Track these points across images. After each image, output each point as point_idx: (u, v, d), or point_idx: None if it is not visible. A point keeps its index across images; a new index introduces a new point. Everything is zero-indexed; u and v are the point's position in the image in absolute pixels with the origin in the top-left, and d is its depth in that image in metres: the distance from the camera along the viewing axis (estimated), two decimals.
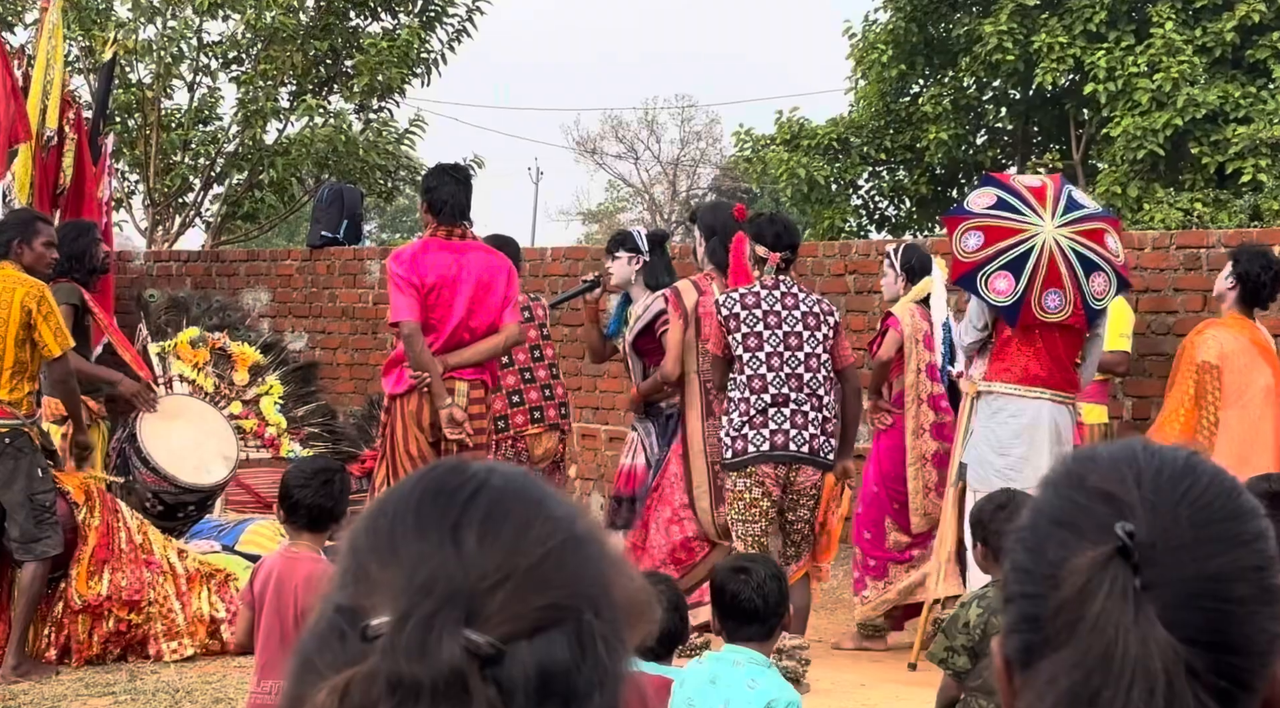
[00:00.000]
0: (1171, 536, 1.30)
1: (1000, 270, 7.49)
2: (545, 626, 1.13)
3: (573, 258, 13.00)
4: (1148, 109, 18.55)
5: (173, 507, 9.46)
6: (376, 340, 13.67)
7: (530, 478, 1.24)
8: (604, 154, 48.35)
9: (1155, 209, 18.20)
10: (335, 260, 14.12)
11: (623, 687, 1.18)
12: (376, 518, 1.20)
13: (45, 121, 10.76)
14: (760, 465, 7.51)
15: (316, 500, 5.16)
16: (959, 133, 21.47)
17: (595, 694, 1.14)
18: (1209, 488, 1.33)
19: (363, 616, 1.13)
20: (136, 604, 8.10)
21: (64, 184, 11.02)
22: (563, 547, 1.18)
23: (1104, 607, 1.26)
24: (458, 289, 7.69)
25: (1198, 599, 1.28)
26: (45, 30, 11.05)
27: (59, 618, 8.05)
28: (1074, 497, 1.35)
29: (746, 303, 7.61)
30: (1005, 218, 7.57)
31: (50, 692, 7.45)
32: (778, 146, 22.42)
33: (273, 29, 16.75)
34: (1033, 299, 7.46)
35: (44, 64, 10.76)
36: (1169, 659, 1.24)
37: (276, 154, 16.93)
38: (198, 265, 14.98)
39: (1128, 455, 1.36)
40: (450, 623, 1.10)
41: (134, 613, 8.10)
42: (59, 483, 8.05)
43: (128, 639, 8.13)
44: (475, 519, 1.16)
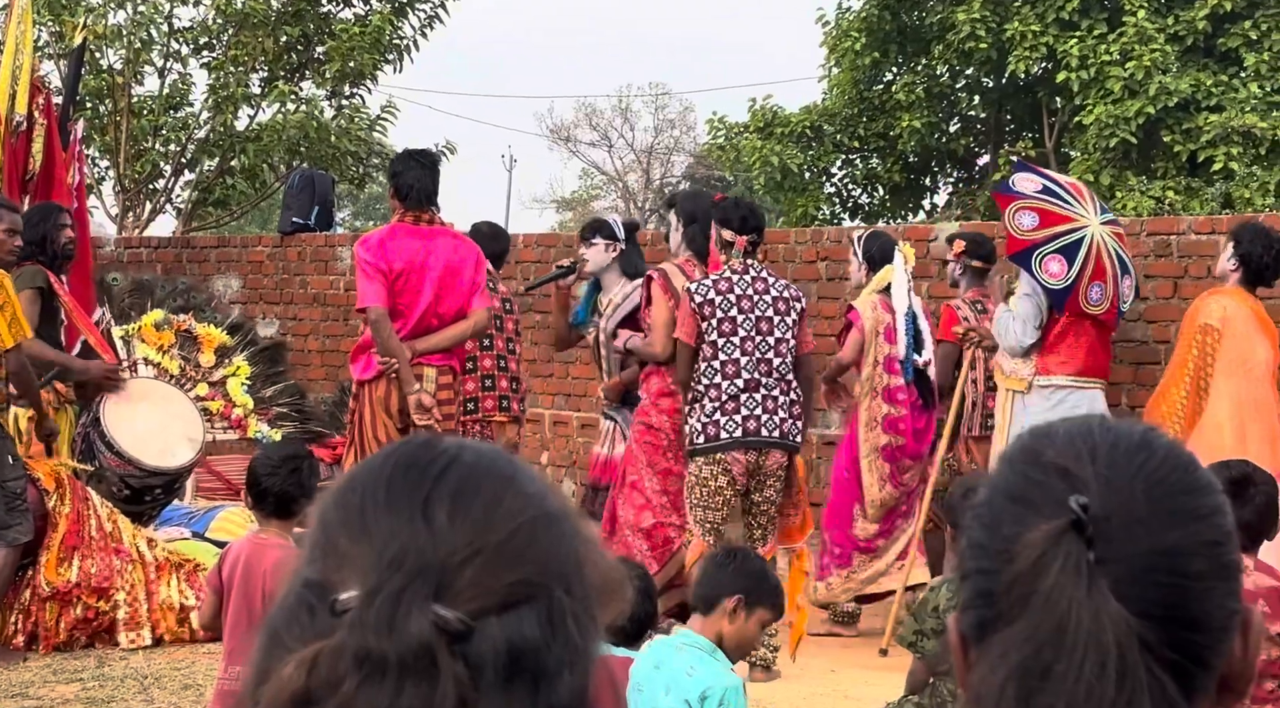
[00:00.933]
0: (1126, 510, 1.29)
1: (1055, 254, 7.69)
2: (515, 602, 1.12)
3: (544, 245, 12.99)
4: (1120, 97, 18.60)
5: (139, 491, 9.42)
6: (348, 327, 13.64)
7: (502, 455, 1.23)
8: (578, 142, 48.36)
9: (1127, 197, 18.26)
10: (306, 247, 14.08)
11: (593, 666, 1.17)
12: (347, 492, 1.19)
13: (14, 107, 10.70)
14: (731, 452, 7.52)
15: (284, 487, 5.15)
16: (932, 121, 21.50)
17: (565, 672, 1.13)
18: (1164, 463, 1.33)
19: (331, 590, 1.12)
20: (105, 592, 8.08)
21: (33, 170, 10.95)
22: (534, 523, 1.17)
23: (1057, 580, 1.25)
24: (425, 275, 7.68)
25: (1153, 574, 1.28)
26: (14, 15, 10.98)
27: (27, 605, 8.03)
28: (1029, 472, 1.35)
29: (720, 289, 7.62)
30: (1056, 204, 7.75)
31: (18, 678, 7.43)
32: (751, 134, 22.43)
33: (244, 14, 16.69)
34: (1081, 287, 7.66)
35: (13, 49, 10.70)
36: (1121, 633, 1.23)
37: (248, 140, 16.88)
38: (168, 252, 14.92)
39: (1083, 431, 1.36)
40: (419, 598, 1.09)
41: (102, 600, 8.08)
42: (30, 470, 8.02)
43: (95, 627, 8.11)
44: (446, 494, 1.16)
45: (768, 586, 4.82)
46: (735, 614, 4.67)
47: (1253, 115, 17.89)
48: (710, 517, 7.57)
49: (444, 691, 1.08)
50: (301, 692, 1.08)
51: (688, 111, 49.05)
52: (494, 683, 1.10)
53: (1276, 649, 4.87)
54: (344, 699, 1.07)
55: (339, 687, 1.08)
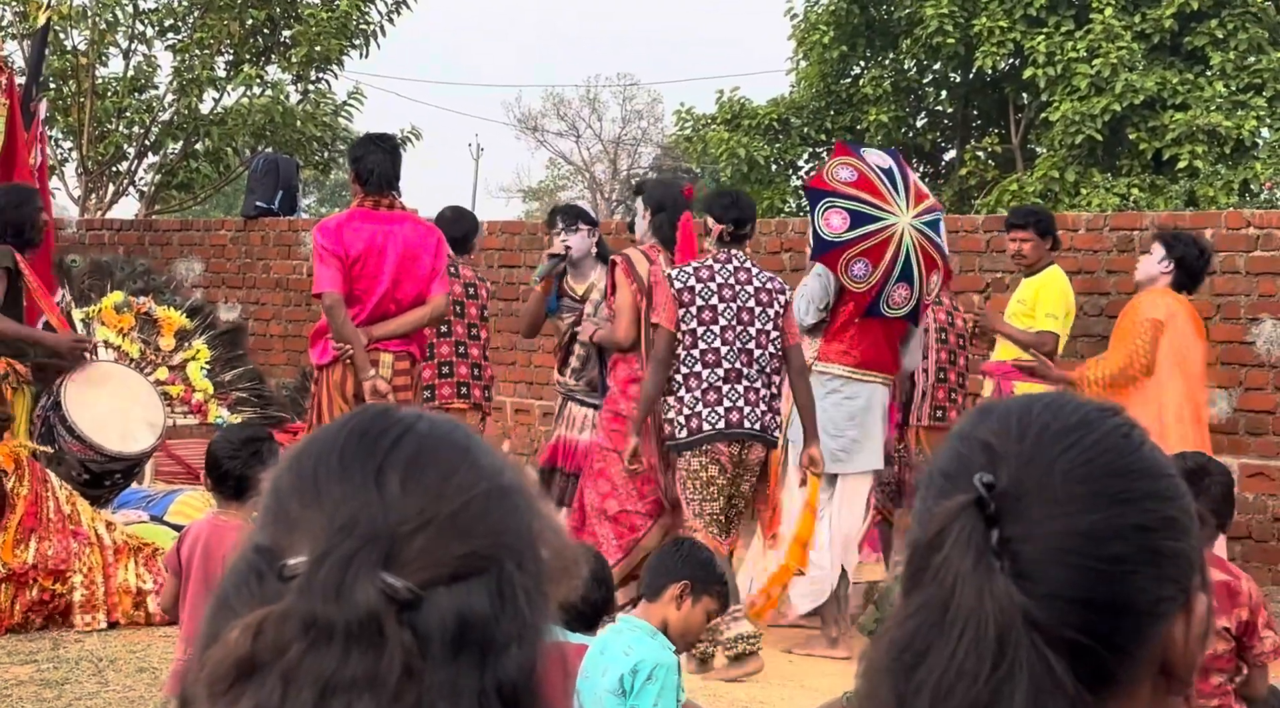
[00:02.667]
0: (1042, 488, 1.28)
1: (844, 211, 7.68)
2: (465, 574, 1.12)
3: (509, 232, 12.96)
4: (1086, 94, 18.66)
5: (99, 476, 9.37)
6: (310, 312, 13.59)
7: (458, 426, 1.23)
8: (545, 131, 48.27)
9: (1093, 194, 18.32)
10: (270, 231, 14.04)
11: (543, 642, 1.16)
12: (300, 458, 1.19)
13: None
14: (716, 443, 7.49)
15: (245, 470, 5.13)
16: (899, 115, 21.55)
17: (513, 646, 1.13)
18: (1099, 443, 1.32)
19: (280, 555, 1.12)
20: (62, 574, 8.03)
21: None
22: (487, 495, 1.17)
23: (948, 555, 1.25)
24: (383, 260, 7.66)
25: (1064, 555, 1.26)
26: None
27: None
28: (959, 447, 1.35)
29: (701, 276, 7.59)
30: (883, 183, 7.76)
31: None
32: (718, 126, 22.44)
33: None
34: (846, 253, 7.67)
35: None
36: (1004, 612, 1.22)
37: (212, 124, 16.81)
38: (130, 234, 14.85)
39: (1023, 407, 1.36)
40: (368, 565, 1.09)
41: (59, 583, 8.03)
42: None
43: (51, 609, 8.06)
44: (399, 463, 1.15)
45: (714, 575, 4.84)
46: (681, 601, 4.69)
47: (1218, 114, 17.97)
48: (709, 509, 7.51)
49: (390, 660, 1.07)
50: (246, 657, 1.07)
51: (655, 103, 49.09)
52: (441, 654, 1.09)
53: (1224, 644, 4.88)
54: (289, 666, 1.07)
55: (284, 653, 1.07)
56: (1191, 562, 1.32)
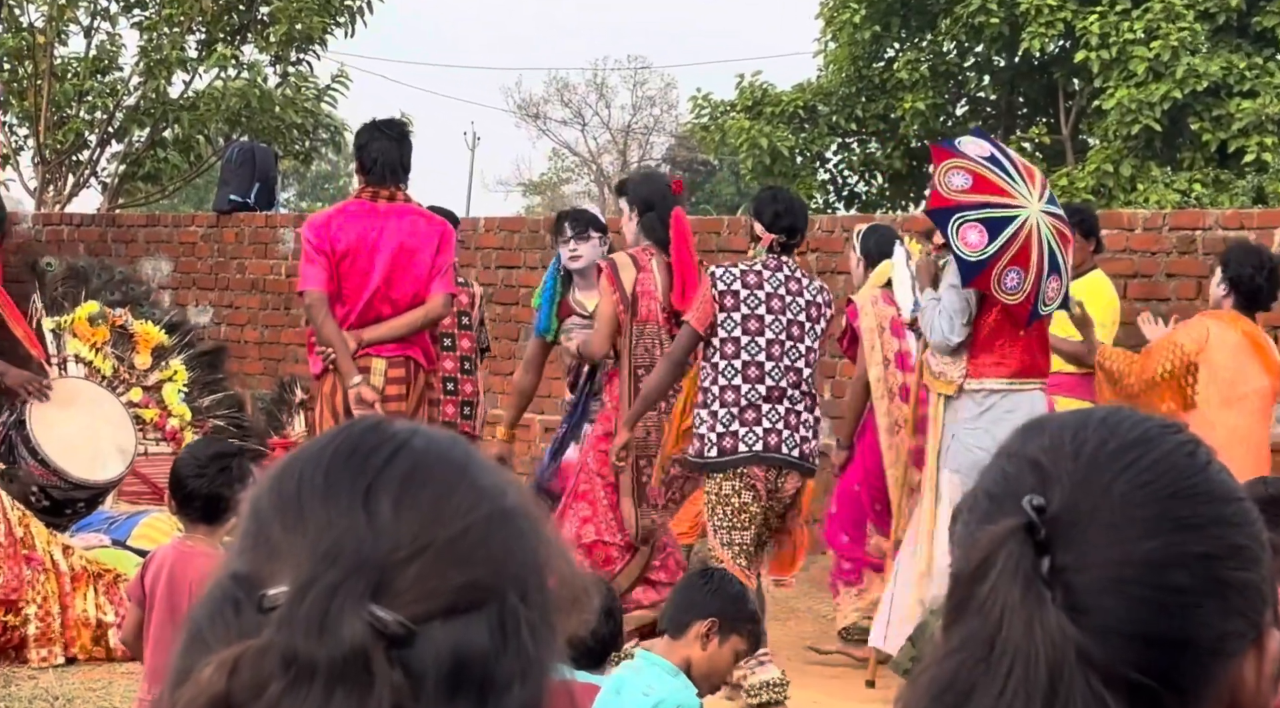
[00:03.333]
0: (1097, 512, 1.28)
1: (977, 223, 7.51)
2: (463, 606, 1.11)
3: (508, 230, 12.96)
4: (1144, 80, 18.66)
5: (60, 503, 9.38)
6: (289, 317, 13.60)
7: (458, 442, 1.22)
8: (548, 119, 48.34)
9: (1150, 190, 18.31)
10: (245, 227, 14.05)
11: (548, 680, 1.16)
12: (283, 478, 1.18)
13: None
14: (751, 467, 7.44)
15: (213, 489, 5.13)
16: (937, 102, 21.56)
17: (516, 686, 1.12)
18: (1160, 463, 1.31)
19: (260, 584, 1.11)
20: (14, 605, 8.03)
21: None
22: (488, 520, 1.16)
23: (994, 586, 1.25)
24: (375, 256, 7.63)
25: (1122, 585, 1.26)
26: None
27: None
28: (1007, 466, 1.35)
29: (748, 281, 7.54)
30: (997, 174, 7.60)
31: None
32: (738, 114, 22.46)
33: None
34: (996, 268, 7.50)
35: None
36: (1056, 648, 1.22)
37: (182, 109, 16.83)
38: (92, 230, 14.87)
39: (1078, 422, 1.35)
40: (355, 596, 1.08)
41: (10, 614, 8.03)
42: None
43: (3, 643, 8.06)
44: (391, 483, 1.15)
45: (745, 612, 4.82)
46: (708, 640, 4.66)
47: None
48: (738, 538, 7.46)
49: (379, 701, 1.07)
50: (221, 695, 1.07)
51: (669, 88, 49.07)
52: (435, 695, 1.09)
53: None
54: (268, 706, 1.06)
55: (263, 692, 1.06)
56: (1263, 594, 1.31)
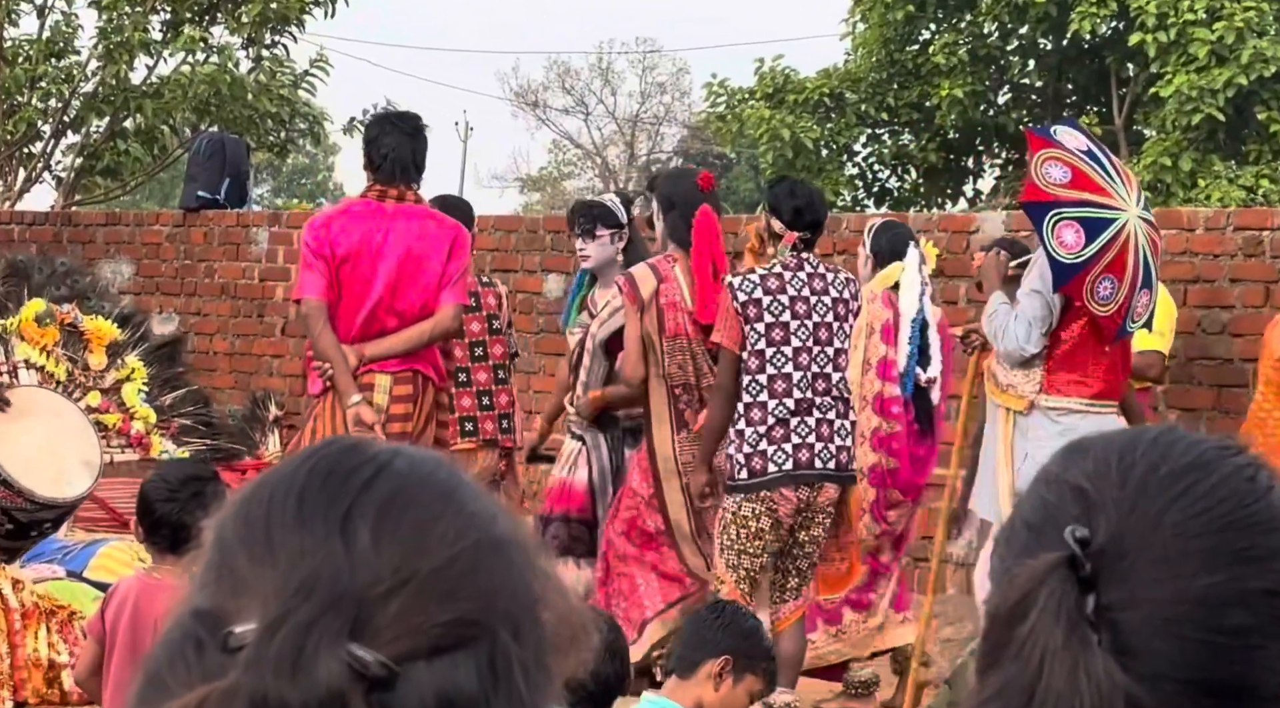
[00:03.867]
0: (1148, 545, 1.28)
1: (1075, 221, 7.40)
2: (450, 645, 1.12)
3: (504, 229, 12.98)
4: (1206, 65, 18.66)
5: (25, 526, 9.36)
6: (263, 325, 13.62)
7: (443, 464, 1.22)
8: (548, 108, 48.38)
9: (1212, 185, 18.31)
10: (214, 227, 14.06)
11: None
12: (250, 504, 1.18)
13: None
14: (781, 488, 7.47)
15: (184, 516, 5.12)
16: (977, 89, 21.56)
17: None
18: (1217, 489, 1.31)
19: (225, 621, 1.11)
20: None
21: None
22: (477, 549, 1.16)
23: (1034, 626, 1.24)
24: (378, 262, 7.57)
25: (1175, 625, 1.26)
26: None
27: None
28: (1047, 493, 1.35)
29: (769, 287, 7.56)
30: (1097, 171, 7.54)
31: None
32: (758, 102, 22.48)
33: None
34: (1090, 274, 7.39)
35: None
36: (1102, 696, 1.22)
37: (145, 96, 16.84)
38: (45, 230, 14.89)
39: (1125, 444, 1.35)
40: (331, 634, 1.08)
41: None
42: None
43: None
44: (371, 509, 1.15)
45: (759, 648, 4.82)
46: (720, 679, 4.66)
47: None
48: (746, 563, 7.50)
49: None
50: None
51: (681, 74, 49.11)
52: None
53: None
54: None
55: None
56: None
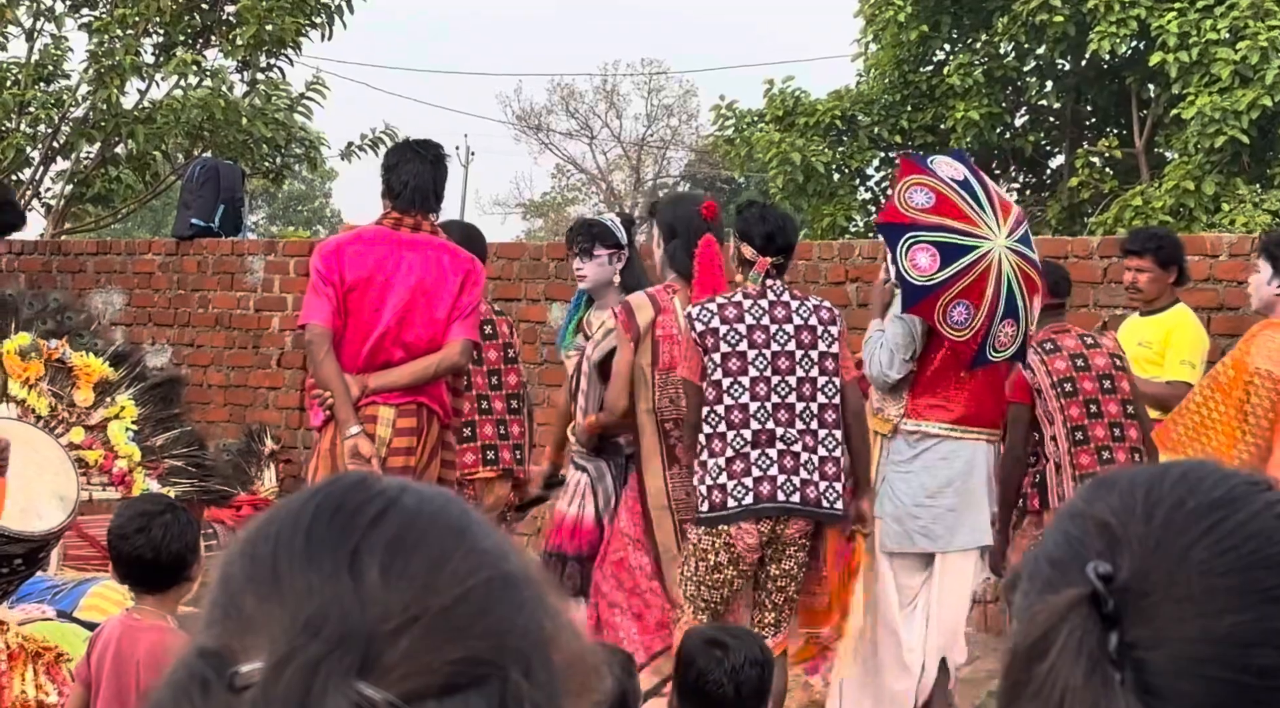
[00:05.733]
0: (1174, 582, 1.28)
1: (931, 245, 7.63)
2: (461, 684, 1.12)
3: (506, 256, 12.99)
4: (1229, 85, 18.66)
5: None
6: (259, 356, 13.62)
7: (452, 501, 1.23)
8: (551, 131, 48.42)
9: (1237, 210, 18.30)
10: (208, 255, 14.08)
11: None
12: (256, 541, 1.19)
13: None
14: (740, 522, 7.47)
15: (139, 551, 5.13)
16: (993, 111, 21.57)
17: None
18: (1246, 525, 1.31)
19: (231, 660, 1.12)
20: None
21: None
22: (488, 587, 1.17)
23: (1055, 665, 1.25)
24: (388, 291, 7.58)
25: (1201, 665, 1.26)
26: None
27: None
28: (1070, 528, 1.35)
29: (726, 316, 7.57)
30: (966, 201, 7.72)
31: None
32: (767, 125, 22.48)
33: None
34: (943, 298, 7.60)
35: None
36: None
37: (137, 121, 16.86)
38: (34, 259, 14.91)
39: (1152, 478, 1.36)
40: (340, 672, 1.09)
41: None
42: None
43: None
44: (379, 546, 1.16)
45: None
46: None
47: None
48: (705, 595, 7.52)
49: None
50: None
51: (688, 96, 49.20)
52: None
53: None
54: None
55: None
56: None
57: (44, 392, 11.70)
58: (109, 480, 11.78)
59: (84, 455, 11.57)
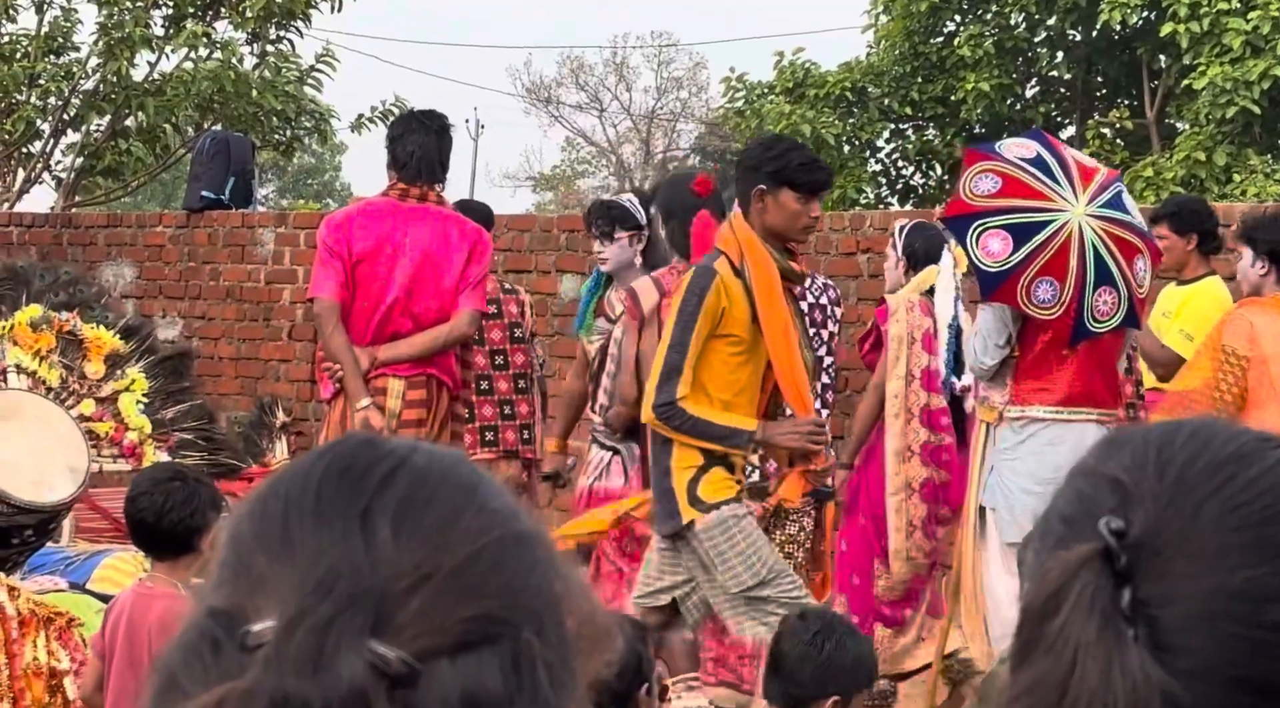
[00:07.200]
0: (1187, 538, 1.28)
1: (1000, 229, 7.52)
2: (473, 642, 1.12)
3: (517, 229, 12.98)
4: (1240, 56, 18.63)
5: (5, 531, 9.39)
6: (269, 329, 13.63)
7: (463, 461, 1.23)
8: (561, 104, 48.40)
9: (1248, 181, 18.28)
10: (219, 228, 14.08)
11: None
12: (267, 501, 1.18)
13: None
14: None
15: (142, 516, 5.16)
16: (1004, 83, 21.54)
17: None
18: (1258, 481, 1.30)
19: (243, 619, 1.12)
20: None
21: None
22: (500, 546, 1.17)
23: (1067, 621, 1.24)
24: (396, 263, 7.59)
25: (1214, 621, 1.25)
26: None
27: None
28: (1083, 485, 1.35)
29: None
30: (1035, 176, 7.60)
31: None
32: (777, 97, 22.46)
33: None
34: (1022, 278, 7.49)
35: None
36: (1137, 693, 1.22)
37: (147, 94, 16.86)
38: (45, 232, 14.91)
39: (1164, 436, 1.35)
40: (352, 631, 1.09)
41: None
42: None
43: None
44: (391, 505, 1.15)
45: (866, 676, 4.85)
46: None
47: None
48: None
49: None
50: None
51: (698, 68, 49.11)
52: None
53: None
54: None
55: None
56: None
57: (55, 363, 11.71)
58: (119, 453, 11.78)
59: (95, 428, 11.58)
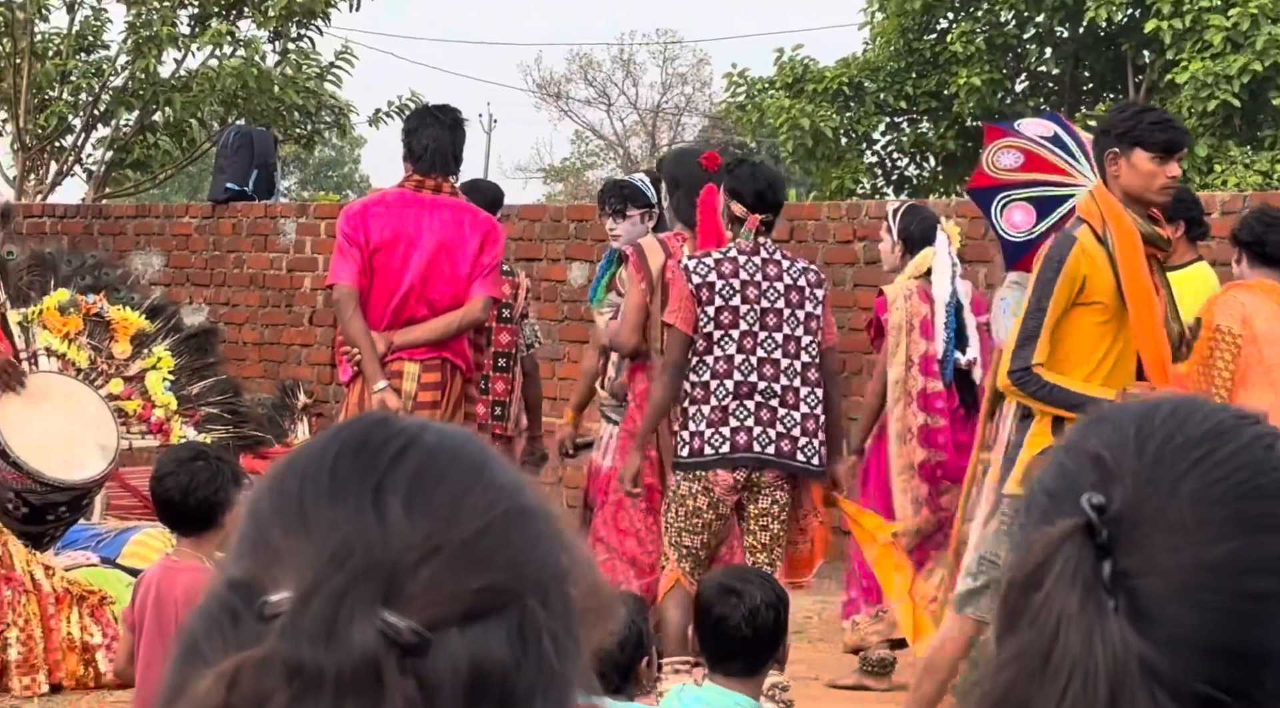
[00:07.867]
0: (1165, 512, 1.27)
1: (1024, 202, 7.48)
2: (481, 612, 1.12)
3: (528, 218, 12.98)
4: (1221, 51, 18.59)
5: (40, 509, 9.39)
6: (291, 314, 13.63)
7: (472, 439, 1.23)
8: (570, 99, 48.36)
9: (1229, 171, 18.26)
10: (242, 218, 14.08)
11: (571, 695, 1.16)
12: (284, 477, 1.18)
13: None
14: (716, 469, 7.46)
15: (169, 494, 5.16)
16: (994, 78, 21.50)
17: (537, 700, 1.13)
18: (1235, 457, 1.30)
19: (260, 591, 1.12)
20: None
21: None
22: (507, 520, 1.17)
23: (1050, 593, 1.24)
24: (411, 251, 7.60)
25: (1193, 592, 1.25)
26: None
27: None
28: (1065, 462, 1.34)
29: (723, 270, 7.54)
30: (1055, 153, 7.56)
31: None
32: (778, 92, 22.43)
33: None
34: None
35: None
36: (1118, 661, 1.21)
37: (174, 90, 16.86)
38: (76, 222, 14.92)
39: (1144, 414, 1.34)
40: (365, 601, 1.09)
41: None
42: None
43: None
44: (402, 481, 1.15)
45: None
46: None
47: None
48: (688, 541, 7.50)
49: None
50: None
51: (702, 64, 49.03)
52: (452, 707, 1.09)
53: None
54: None
55: (265, 705, 1.07)
56: None
57: (83, 345, 11.70)
58: (147, 429, 11.78)
59: (123, 406, 11.57)
